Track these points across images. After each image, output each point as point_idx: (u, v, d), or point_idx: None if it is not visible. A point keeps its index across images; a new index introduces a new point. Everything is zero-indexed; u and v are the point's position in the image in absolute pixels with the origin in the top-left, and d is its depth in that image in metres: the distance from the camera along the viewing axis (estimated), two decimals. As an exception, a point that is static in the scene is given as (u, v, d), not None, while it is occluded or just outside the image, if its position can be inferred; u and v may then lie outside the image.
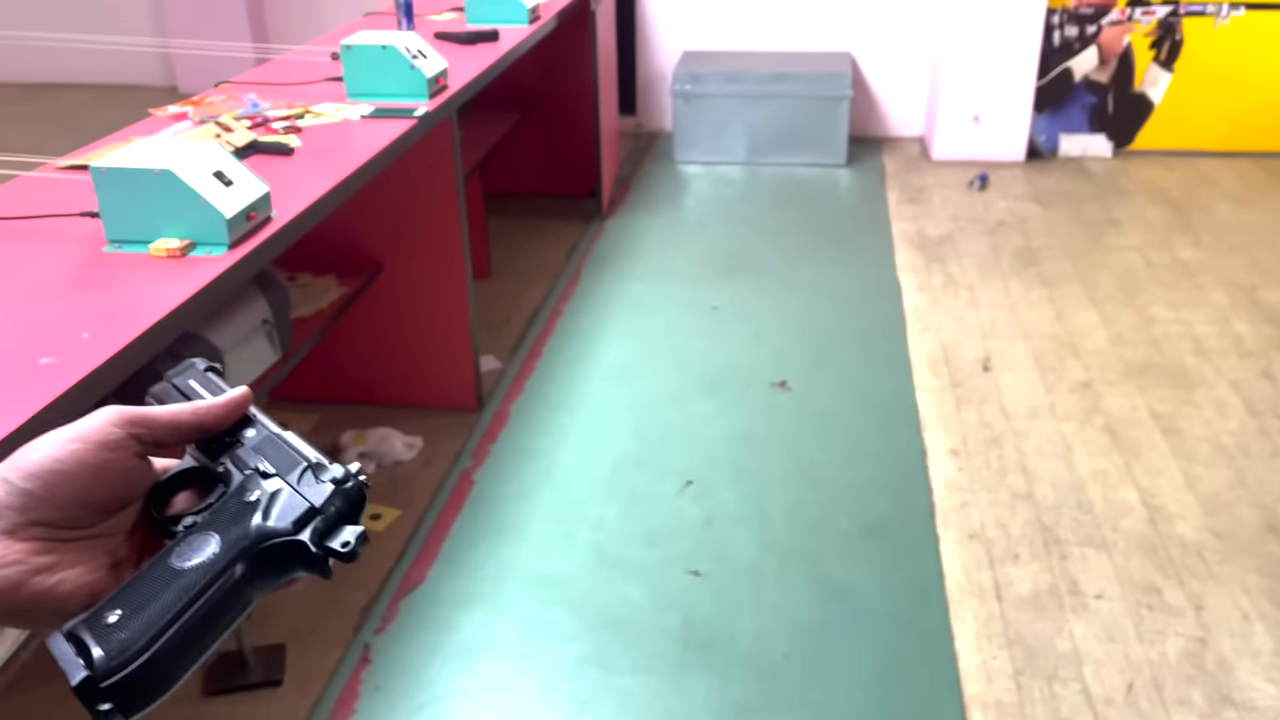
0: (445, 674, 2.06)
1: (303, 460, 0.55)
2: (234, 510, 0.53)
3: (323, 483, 0.54)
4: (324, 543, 0.52)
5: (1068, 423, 2.88)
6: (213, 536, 0.52)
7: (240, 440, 0.57)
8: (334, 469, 0.54)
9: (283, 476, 0.54)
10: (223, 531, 0.52)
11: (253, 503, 0.53)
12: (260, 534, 0.52)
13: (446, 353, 2.97)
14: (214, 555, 0.51)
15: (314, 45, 3.20)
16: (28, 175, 2.03)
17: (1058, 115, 5.10)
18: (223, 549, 0.51)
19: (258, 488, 0.54)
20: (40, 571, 0.50)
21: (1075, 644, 2.11)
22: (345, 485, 0.54)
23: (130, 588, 0.49)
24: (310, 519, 0.52)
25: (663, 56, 5.42)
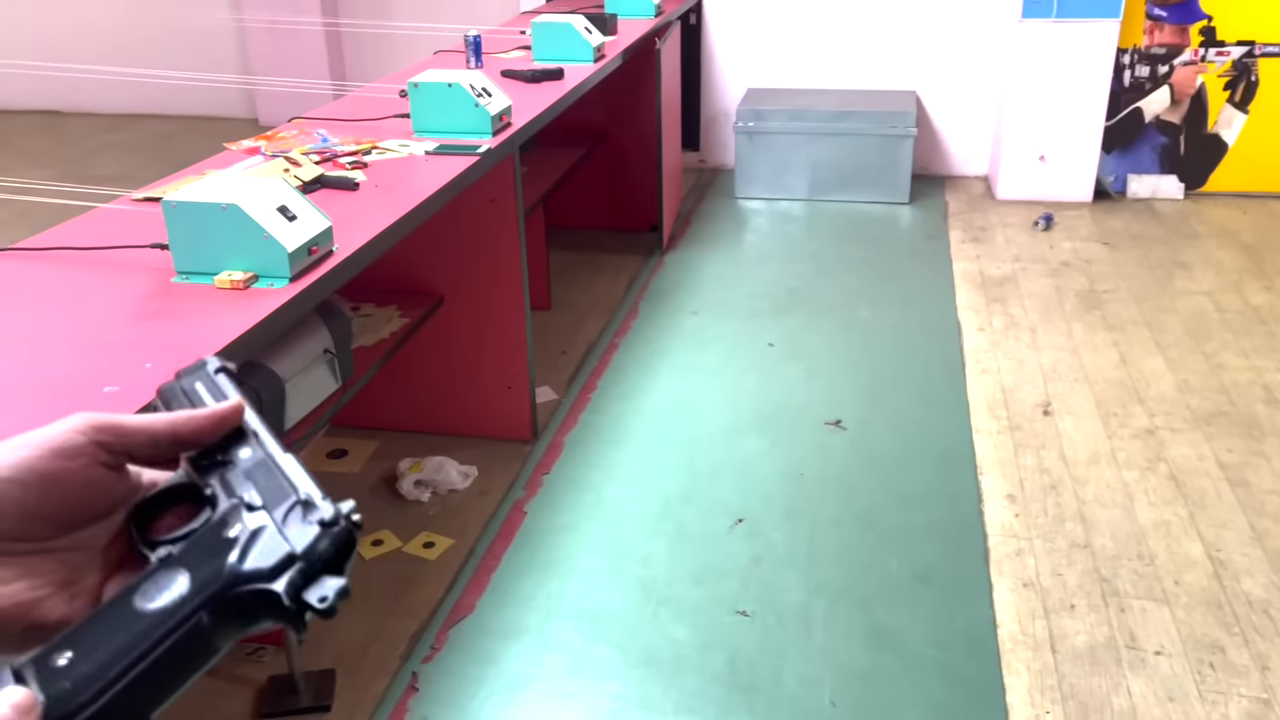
0: (489, 706, 2.07)
1: (293, 494, 0.50)
2: (210, 546, 0.49)
3: (309, 523, 0.48)
4: (300, 595, 0.46)
5: (1130, 471, 2.82)
6: (182, 574, 0.47)
7: (234, 460, 0.53)
8: (323, 508, 0.49)
9: (270, 510, 0.50)
10: (194, 569, 0.47)
11: (231, 539, 0.48)
12: (232, 578, 0.47)
13: (503, 384, 3.01)
14: (180, 597, 0.46)
15: (384, 83, 3.29)
16: (104, 207, 2.12)
17: (1126, 156, 5.02)
18: (190, 591, 0.46)
19: (239, 522, 0.49)
20: None
21: (1133, 701, 2.06)
22: (333, 528, 0.48)
23: (86, 627, 0.45)
24: (288, 566, 0.47)
25: (726, 94, 5.46)
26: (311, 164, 2.33)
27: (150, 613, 0.45)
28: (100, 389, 1.36)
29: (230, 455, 0.53)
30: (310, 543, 0.47)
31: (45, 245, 1.87)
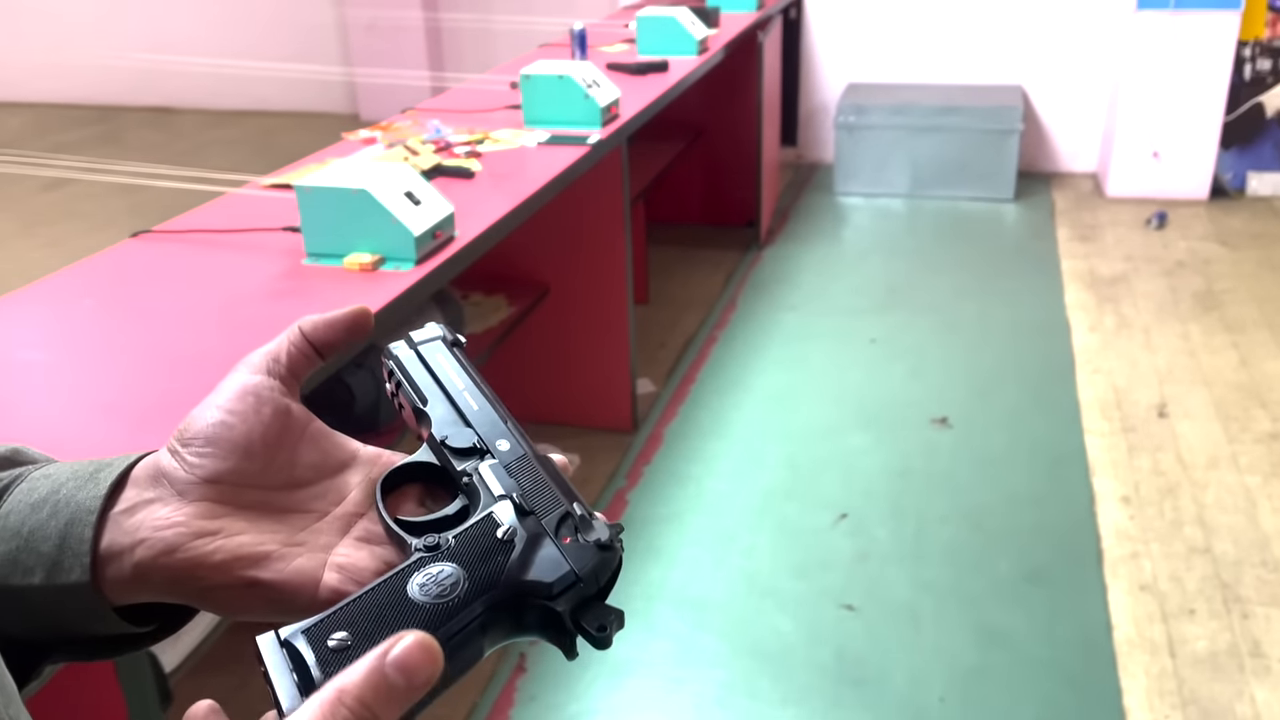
0: (596, 688, 2.09)
1: (563, 504, 0.47)
2: (484, 546, 0.46)
3: (585, 542, 0.45)
4: (578, 619, 0.44)
5: (1252, 475, 2.72)
6: (457, 571, 0.45)
7: (491, 451, 0.50)
8: (598, 527, 0.46)
9: (540, 518, 0.47)
10: (469, 569, 0.45)
11: (505, 542, 0.46)
12: (513, 587, 0.45)
13: (605, 375, 3.03)
14: (459, 597, 0.44)
15: (492, 75, 3.34)
16: (233, 192, 2.19)
17: (1246, 152, 4.83)
18: (468, 592, 0.44)
19: (511, 523, 0.47)
20: (200, 536, 0.47)
21: (1257, 709, 1.98)
22: (608, 551, 0.45)
23: (359, 609, 0.43)
24: (570, 587, 0.44)
25: (826, 88, 5.41)
26: (429, 153, 2.38)
27: (429, 605, 0.43)
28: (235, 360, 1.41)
29: (488, 446, 0.51)
30: (590, 565, 0.45)
31: (184, 228, 1.94)
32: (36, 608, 0.48)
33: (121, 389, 1.37)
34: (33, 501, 0.49)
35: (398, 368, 0.54)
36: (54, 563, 0.48)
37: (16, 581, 0.48)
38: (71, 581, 0.47)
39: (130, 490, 0.49)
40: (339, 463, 0.52)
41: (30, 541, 0.48)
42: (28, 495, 0.50)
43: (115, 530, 0.48)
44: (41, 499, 0.49)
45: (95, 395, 1.36)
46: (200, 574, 0.47)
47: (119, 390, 1.37)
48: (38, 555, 0.48)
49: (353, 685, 0.35)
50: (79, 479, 0.50)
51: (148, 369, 1.43)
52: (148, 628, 0.51)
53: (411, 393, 0.53)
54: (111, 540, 0.48)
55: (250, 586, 0.47)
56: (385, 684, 0.35)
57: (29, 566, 0.48)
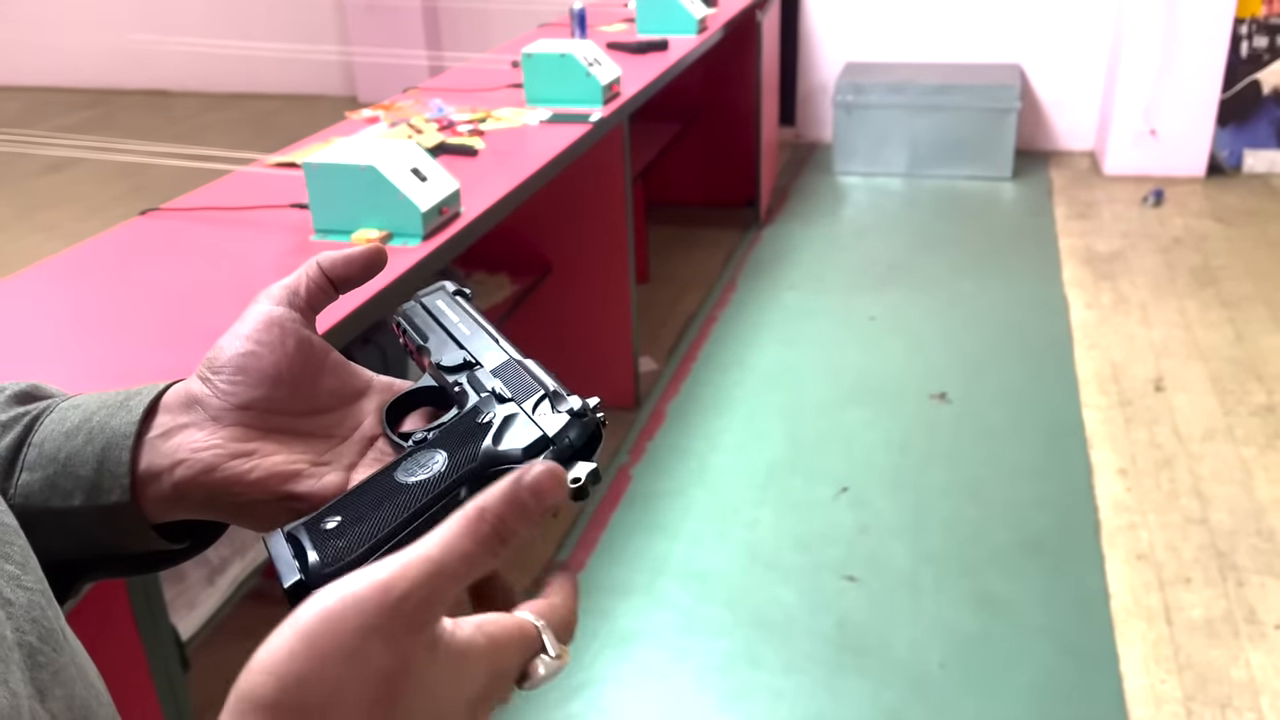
0: (603, 658, 2.13)
1: (540, 388, 0.52)
2: (465, 430, 0.51)
3: (559, 413, 0.50)
4: None
5: (1248, 447, 2.75)
6: (440, 454, 0.49)
7: (479, 362, 0.55)
8: (572, 400, 0.50)
9: (519, 402, 0.51)
10: (451, 450, 0.49)
11: (484, 425, 0.50)
12: (488, 458, 0.49)
13: (608, 352, 3.05)
14: (439, 473, 0.48)
15: (493, 54, 3.35)
16: (240, 170, 2.21)
17: (1243, 129, 4.85)
18: (448, 468, 0.49)
19: (491, 410, 0.51)
20: (237, 456, 0.50)
21: (1252, 673, 2.02)
22: (582, 418, 0.49)
23: (351, 497, 0.48)
24: (542, 448, 0.48)
25: (824, 68, 5.42)
26: (433, 131, 2.40)
27: (411, 484, 0.48)
28: (258, 335, 1.43)
29: (476, 358, 0.55)
30: (561, 428, 0.49)
31: (192, 206, 1.96)
32: (75, 528, 0.51)
33: (138, 359, 1.40)
34: (66, 430, 0.51)
35: (404, 319, 0.59)
36: (93, 485, 0.50)
37: (56, 504, 0.50)
38: (112, 502, 0.50)
39: (163, 416, 0.52)
40: (355, 390, 0.56)
41: (68, 466, 0.51)
42: (59, 424, 0.52)
43: (152, 453, 0.51)
44: (75, 426, 0.52)
45: (112, 365, 1.38)
46: (238, 491, 0.50)
47: (136, 360, 1.39)
48: (76, 479, 0.50)
49: (491, 501, 0.39)
50: (109, 407, 0.52)
51: (163, 341, 1.45)
52: (182, 544, 0.54)
53: (414, 334, 0.58)
54: (149, 462, 0.51)
55: (284, 500, 0.51)
56: (519, 501, 0.39)
57: (68, 490, 0.50)
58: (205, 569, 1.72)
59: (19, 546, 0.42)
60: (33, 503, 0.50)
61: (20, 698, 0.36)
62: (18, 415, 0.53)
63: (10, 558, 0.41)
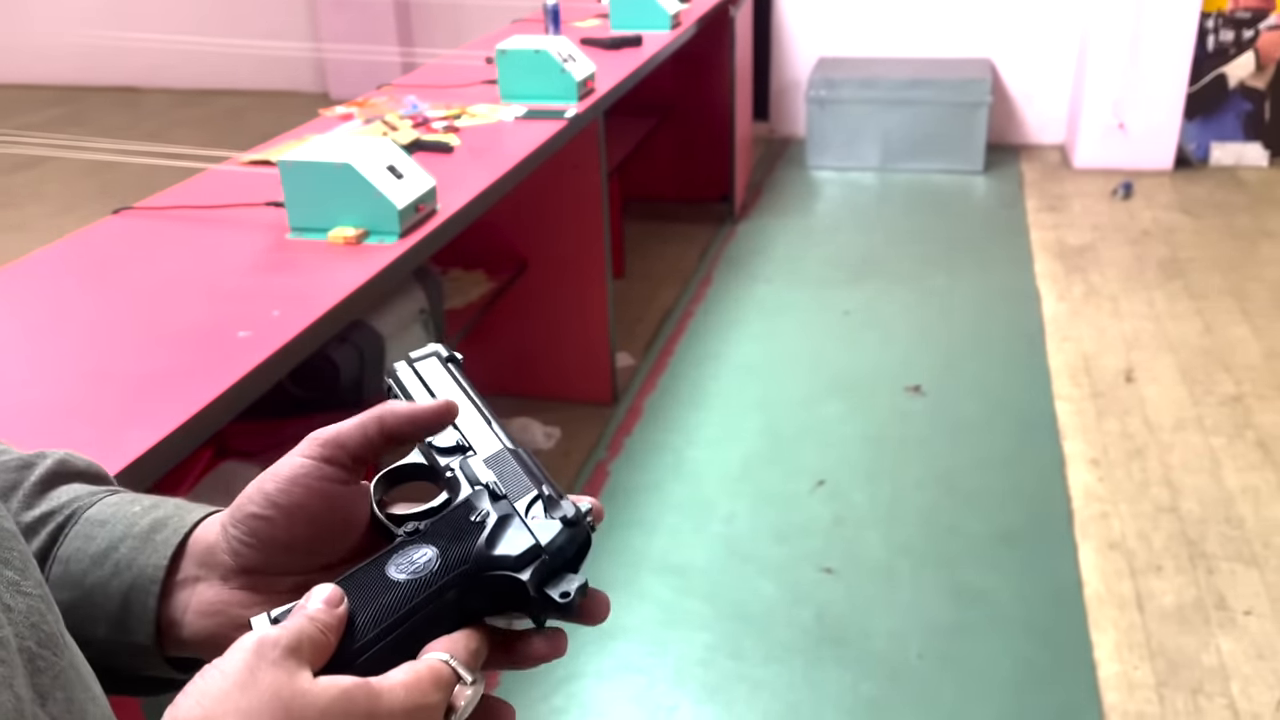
0: (584, 653, 2.14)
1: (534, 487, 0.51)
2: (457, 526, 0.50)
3: (552, 519, 0.49)
4: (543, 588, 0.48)
5: (1216, 437, 2.80)
6: (430, 550, 0.49)
7: (472, 447, 0.54)
8: (565, 505, 0.50)
9: (512, 500, 0.51)
10: (443, 549, 0.49)
11: (477, 524, 0.50)
12: (481, 561, 0.48)
13: (584, 348, 3.06)
14: (431, 573, 0.48)
15: (467, 50, 3.35)
16: (213, 168, 2.19)
17: (1210, 123, 4.92)
18: (440, 568, 0.48)
19: (484, 507, 0.51)
20: (240, 626, 0.48)
21: (1222, 659, 2.06)
22: (574, 526, 0.49)
23: (345, 587, 0.47)
24: (534, 558, 0.48)
25: (798, 63, 5.44)
26: (407, 128, 2.39)
27: (403, 582, 0.47)
28: (235, 334, 1.43)
29: (469, 443, 0.54)
30: (554, 538, 0.48)
31: (165, 205, 1.95)
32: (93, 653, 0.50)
33: (112, 359, 1.39)
34: (92, 554, 0.52)
35: (396, 384, 0.58)
36: (118, 621, 0.51)
37: (79, 628, 0.50)
38: (137, 642, 0.51)
39: (187, 562, 0.52)
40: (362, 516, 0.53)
41: (92, 596, 0.51)
42: (85, 544, 0.52)
43: (172, 600, 0.51)
44: (101, 553, 0.52)
45: (85, 365, 1.38)
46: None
47: (110, 360, 1.39)
48: (102, 610, 0.51)
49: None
50: (136, 537, 0.52)
51: (138, 340, 1.44)
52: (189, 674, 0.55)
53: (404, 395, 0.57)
54: (168, 609, 0.51)
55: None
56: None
57: (93, 618, 0.51)
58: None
59: (18, 552, 0.42)
60: None
61: (24, 702, 0.37)
62: (44, 516, 0.53)
63: (10, 563, 0.41)
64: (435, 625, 0.47)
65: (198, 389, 1.28)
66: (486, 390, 0.57)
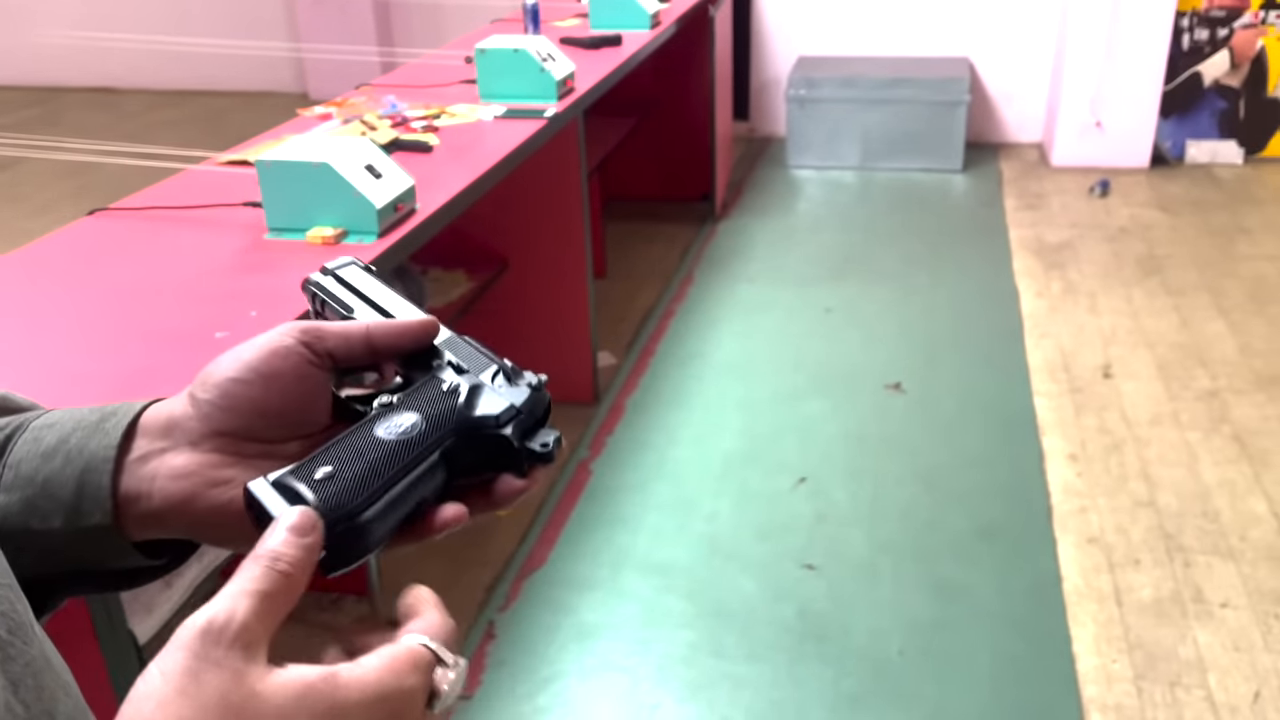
0: (566, 653, 2.14)
1: (492, 364, 0.54)
2: (433, 395, 0.52)
3: (518, 386, 0.52)
4: (524, 441, 0.51)
5: (1193, 431, 2.82)
6: (414, 415, 0.50)
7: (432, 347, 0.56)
8: (527, 374, 0.53)
9: (475, 375, 0.53)
10: (425, 413, 0.51)
11: (451, 392, 0.52)
12: (464, 421, 0.51)
13: (566, 348, 3.06)
14: (419, 433, 0.49)
15: (446, 50, 3.34)
16: (191, 169, 2.18)
17: (1185, 121, 4.96)
18: (427, 428, 0.50)
19: (453, 379, 0.53)
20: (216, 485, 0.51)
21: (1199, 651, 2.08)
22: (539, 391, 0.52)
23: (335, 450, 0.48)
24: (514, 416, 0.51)
25: (777, 62, 5.45)
26: (386, 128, 2.38)
27: (394, 441, 0.49)
28: (212, 335, 1.43)
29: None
30: (527, 399, 0.52)
31: (142, 205, 1.94)
32: (54, 549, 0.51)
33: (93, 360, 1.38)
34: (42, 451, 0.52)
35: (320, 291, 0.59)
36: (73, 508, 0.51)
37: (35, 525, 0.50)
38: (93, 524, 0.51)
39: (141, 440, 0.52)
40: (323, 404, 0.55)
41: (46, 489, 0.51)
42: (35, 445, 0.52)
43: (130, 476, 0.51)
44: (51, 448, 0.52)
45: (62, 366, 1.37)
46: (215, 519, 0.51)
47: (91, 361, 1.38)
48: (56, 501, 0.51)
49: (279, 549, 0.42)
50: (86, 428, 0.52)
51: (118, 342, 1.44)
52: (160, 560, 0.55)
53: (337, 307, 0.58)
54: (127, 486, 0.51)
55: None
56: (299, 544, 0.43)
57: (47, 511, 0.51)
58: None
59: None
60: (10, 523, 0.51)
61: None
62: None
63: None
64: (425, 484, 0.49)
65: (175, 390, 1.27)
66: None
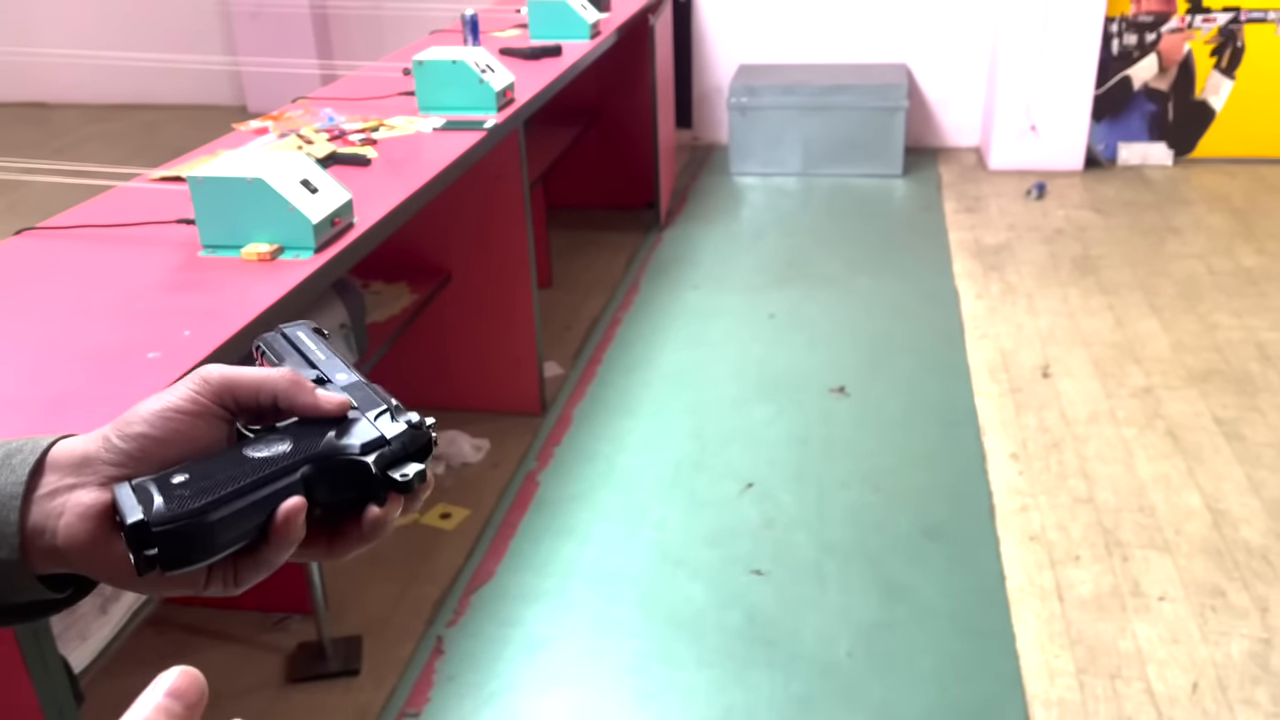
0: (514, 666, 2.13)
1: (384, 402, 0.58)
2: (312, 425, 0.56)
3: (397, 422, 0.56)
4: (385, 470, 0.54)
5: (1129, 428, 2.88)
6: (286, 440, 0.55)
7: (330, 379, 0.60)
8: (411, 414, 0.57)
9: (363, 412, 0.57)
10: (295, 439, 0.55)
11: (330, 422, 0.56)
12: (329, 447, 0.55)
13: (511, 359, 3.05)
14: (282, 453, 0.54)
15: (385, 62, 3.32)
16: (123, 186, 2.15)
17: (1116, 124, 5.07)
18: (292, 451, 0.54)
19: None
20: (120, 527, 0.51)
21: (1138, 644, 2.12)
22: (416, 429, 0.56)
23: (201, 462, 0.53)
24: (378, 447, 0.55)
25: (719, 70, 5.49)
26: (323, 141, 2.36)
27: (256, 459, 0.53)
28: (144, 355, 1.40)
29: (327, 375, 0.61)
30: (398, 434, 0.56)
31: (72, 224, 1.90)
32: None
33: (21, 384, 1.35)
34: None
35: (265, 345, 0.65)
36: None
37: None
38: (3, 558, 0.51)
39: (51, 475, 0.53)
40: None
41: None
42: None
43: (38, 512, 0.52)
44: None
45: (-10, 394, 1.34)
46: (117, 559, 0.51)
47: (18, 385, 1.35)
48: None
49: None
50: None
51: (44, 364, 1.41)
52: (64, 593, 0.54)
53: (271, 356, 0.64)
54: (35, 521, 0.51)
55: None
56: (163, 708, 0.39)
57: None
58: (98, 598, 1.67)
59: None
60: None
61: None
62: None
63: None
64: (280, 499, 0.53)
65: (106, 412, 1.25)
66: (413, 404, 0.60)
